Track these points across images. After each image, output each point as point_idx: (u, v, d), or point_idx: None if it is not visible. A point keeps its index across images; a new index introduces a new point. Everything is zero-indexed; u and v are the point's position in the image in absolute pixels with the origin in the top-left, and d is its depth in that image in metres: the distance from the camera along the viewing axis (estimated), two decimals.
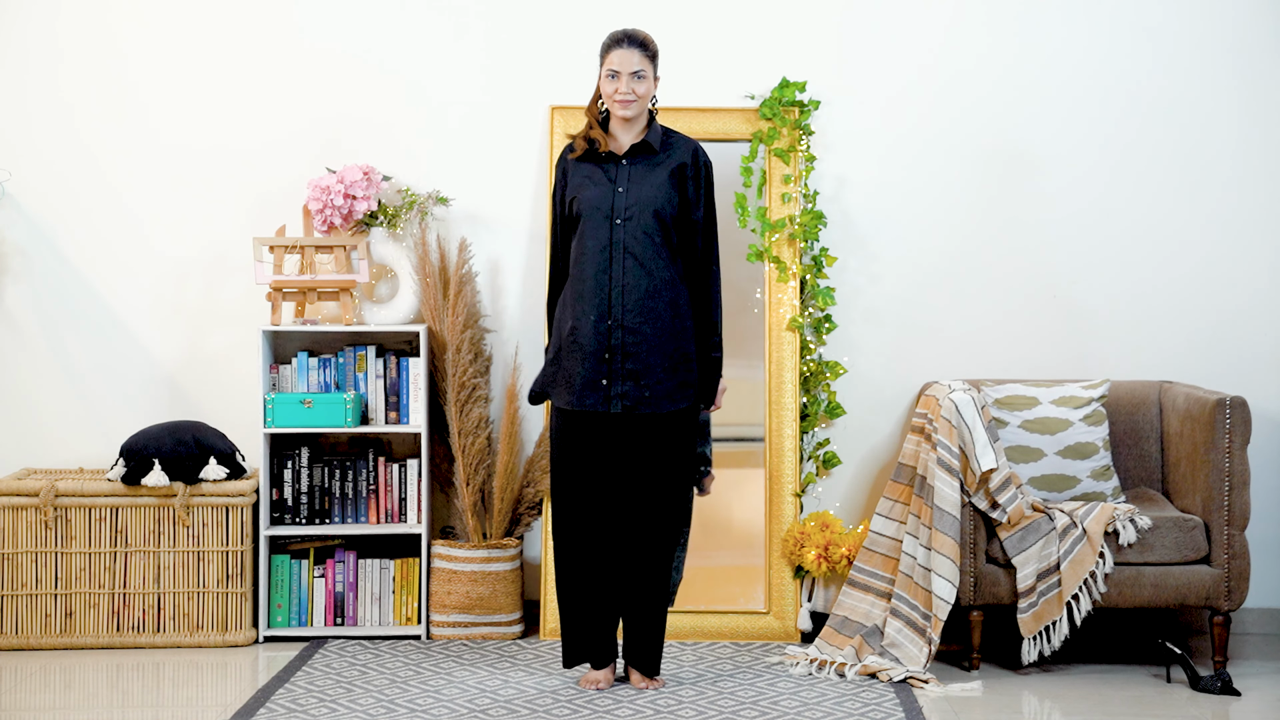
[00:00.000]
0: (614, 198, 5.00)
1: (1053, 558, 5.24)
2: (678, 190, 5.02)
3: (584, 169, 5.06)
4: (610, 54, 5.01)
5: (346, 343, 5.82)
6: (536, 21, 5.89)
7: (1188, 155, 5.87)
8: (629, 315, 4.96)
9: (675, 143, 5.08)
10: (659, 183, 5.00)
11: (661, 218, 4.99)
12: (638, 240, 4.97)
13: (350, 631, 5.67)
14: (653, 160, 5.04)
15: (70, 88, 5.90)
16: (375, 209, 5.76)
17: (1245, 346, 5.86)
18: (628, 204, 4.99)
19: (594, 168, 5.05)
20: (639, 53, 5.00)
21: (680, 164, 5.03)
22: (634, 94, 4.99)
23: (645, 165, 5.04)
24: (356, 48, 5.92)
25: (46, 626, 5.58)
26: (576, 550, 5.04)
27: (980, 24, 5.88)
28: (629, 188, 5.00)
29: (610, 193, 5.00)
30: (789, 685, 5.12)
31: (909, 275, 5.88)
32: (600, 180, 5.02)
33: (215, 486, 5.60)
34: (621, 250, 4.97)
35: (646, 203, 4.99)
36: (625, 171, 5.03)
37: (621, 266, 4.97)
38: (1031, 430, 5.51)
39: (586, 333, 4.97)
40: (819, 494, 5.84)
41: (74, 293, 5.91)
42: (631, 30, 5.04)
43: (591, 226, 4.99)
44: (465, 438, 5.70)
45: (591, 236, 4.99)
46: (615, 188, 5.01)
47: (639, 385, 4.96)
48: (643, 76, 5.00)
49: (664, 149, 5.05)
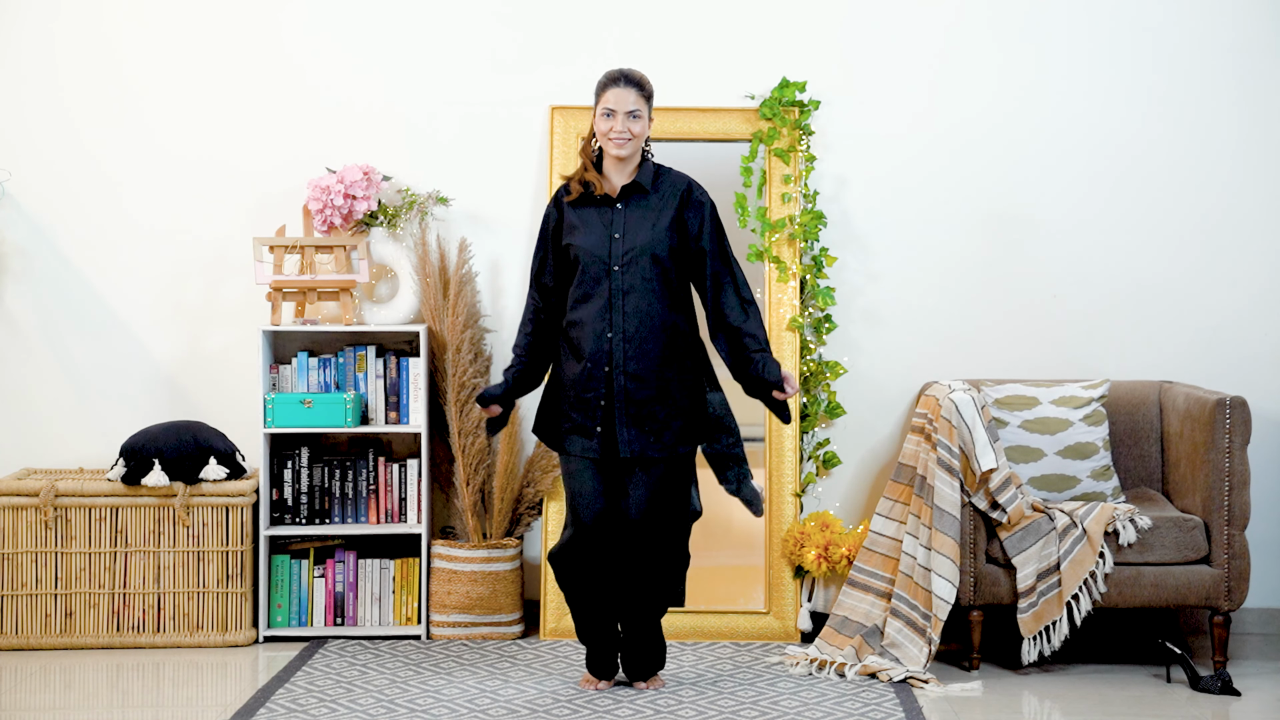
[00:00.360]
0: (610, 244, 4.95)
1: (1053, 558, 5.24)
2: (674, 230, 4.97)
3: (579, 213, 5.00)
4: (606, 93, 4.97)
5: (346, 343, 5.82)
6: (537, 22, 5.89)
7: (1188, 155, 5.87)
8: (630, 362, 4.93)
9: (666, 180, 5.02)
10: (654, 225, 4.96)
11: (660, 261, 4.95)
12: (636, 287, 4.94)
13: (350, 631, 5.67)
14: (645, 201, 4.99)
15: (69, 88, 5.90)
16: (375, 209, 5.76)
17: (1245, 346, 5.86)
18: (625, 250, 4.94)
19: (589, 211, 4.99)
20: (635, 92, 4.96)
21: (674, 204, 4.97)
22: (629, 133, 4.94)
23: (640, 207, 4.98)
24: (357, 47, 5.92)
25: (46, 626, 5.58)
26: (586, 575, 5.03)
27: (981, 24, 5.88)
28: (625, 233, 4.96)
29: (607, 239, 4.96)
30: (789, 685, 5.12)
31: (909, 275, 5.88)
32: (595, 226, 4.97)
33: (215, 486, 5.60)
34: (621, 297, 4.94)
35: (644, 247, 4.94)
36: (621, 216, 4.98)
37: (621, 313, 4.94)
38: (1031, 430, 5.51)
39: (588, 380, 4.95)
40: (819, 494, 5.85)
41: (74, 292, 5.91)
42: (628, 70, 5.00)
43: (590, 273, 4.95)
44: (465, 438, 5.70)
45: (590, 283, 4.95)
46: (611, 233, 4.96)
47: (644, 431, 4.95)
48: (638, 116, 4.96)
49: (655, 189, 5.00)
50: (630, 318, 4.94)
